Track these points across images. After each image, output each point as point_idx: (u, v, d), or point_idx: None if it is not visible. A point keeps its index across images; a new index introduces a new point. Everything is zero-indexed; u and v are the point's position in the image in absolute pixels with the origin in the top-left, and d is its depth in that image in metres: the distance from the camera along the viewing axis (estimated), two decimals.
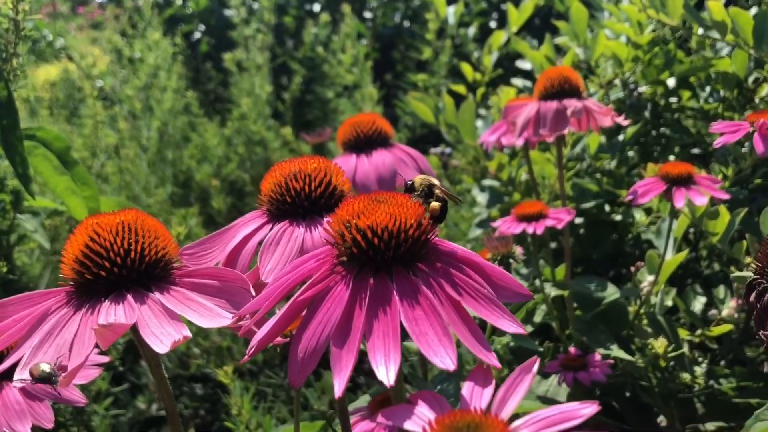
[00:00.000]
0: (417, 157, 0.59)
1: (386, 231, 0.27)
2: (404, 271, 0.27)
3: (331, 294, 0.26)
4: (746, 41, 0.89)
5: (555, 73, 0.76)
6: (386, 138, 0.58)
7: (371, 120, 0.58)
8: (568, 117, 0.73)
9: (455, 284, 0.27)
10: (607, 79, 1.12)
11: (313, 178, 0.35)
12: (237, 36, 1.45)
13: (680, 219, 0.80)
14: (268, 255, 0.34)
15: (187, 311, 0.30)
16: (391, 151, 0.57)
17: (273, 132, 1.41)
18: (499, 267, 0.29)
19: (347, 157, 0.57)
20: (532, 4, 1.28)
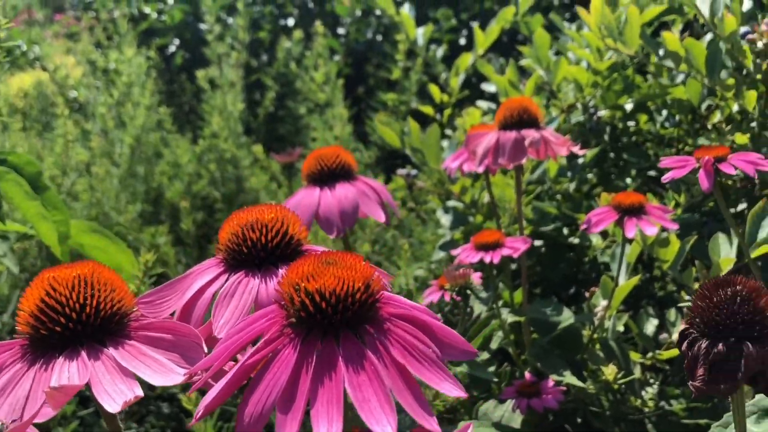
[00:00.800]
0: (379, 189, 0.61)
1: (334, 295, 0.28)
2: (351, 335, 0.28)
3: (279, 357, 0.28)
4: (699, 70, 0.93)
5: (515, 104, 0.79)
6: (349, 171, 0.60)
7: (335, 153, 0.60)
8: (526, 147, 0.76)
9: (402, 347, 0.28)
10: (569, 102, 1.15)
11: (269, 228, 0.37)
12: (210, 54, 1.46)
13: (633, 245, 0.83)
14: (221, 309, 0.36)
15: (141, 367, 0.31)
16: (354, 185, 0.59)
17: (244, 149, 1.42)
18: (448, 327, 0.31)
19: (311, 190, 0.59)
20: (498, 27, 1.31)
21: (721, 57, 0.91)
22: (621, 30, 0.89)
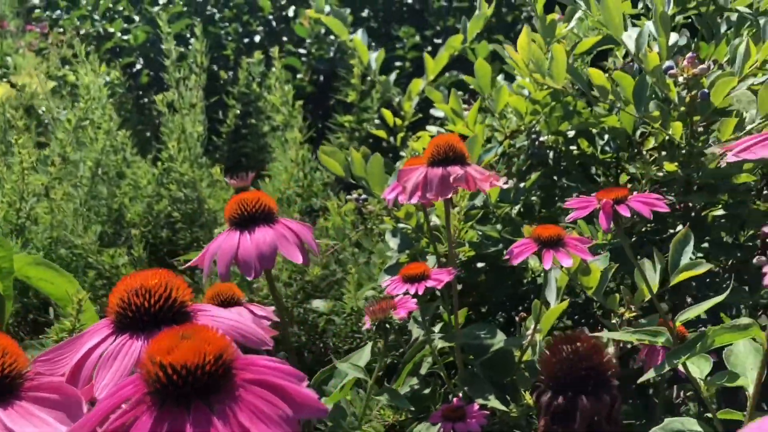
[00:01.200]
0: (299, 231, 0.64)
1: (185, 367, 0.31)
2: (202, 404, 0.31)
3: (137, 424, 0.31)
4: (628, 102, 0.97)
5: (442, 142, 0.82)
6: (270, 215, 0.63)
7: (256, 198, 0.63)
8: (451, 183, 0.79)
9: (251, 411, 0.31)
10: (512, 128, 1.19)
11: (153, 293, 0.40)
12: (168, 78, 1.49)
13: (561, 273, 0.87)
14: (103, 370, 0.38)
15: (27, 426, 0.34)
16: (274, 228, 0.62)
17: (203, 170, 1.45)
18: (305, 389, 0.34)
19: (232, 233, 0.62)
20: (447, 54, 1.35)
21: (647, 89, 0.95)
22: (549, 65, 0.93)
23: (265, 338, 0.42)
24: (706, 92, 0.91)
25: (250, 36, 2.26)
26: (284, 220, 0.65)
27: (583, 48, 1.13)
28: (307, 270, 1.11)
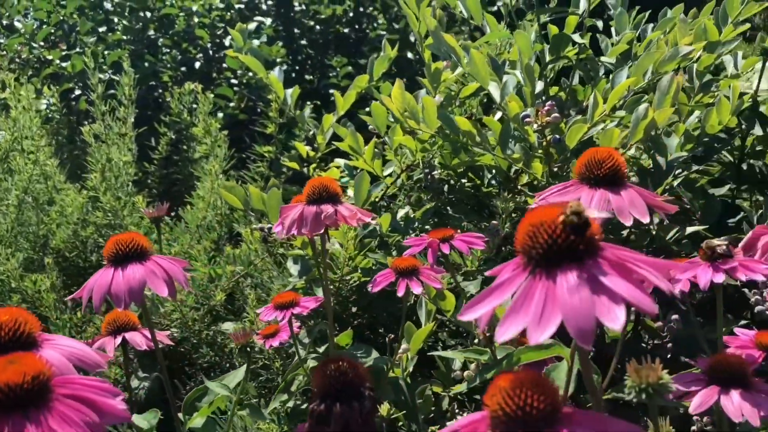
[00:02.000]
0: (168, 268, 0.73)
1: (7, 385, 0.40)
2: (19, 415, 0.41)
3: None
4: (495, 145, 1.09)
5: (317, 183, 0.93)
6: (142, 253, 0.73)
7: (130, 238, 0.73)
8: (323, 220, 0.90)
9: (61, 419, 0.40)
10: (407, 164, 1.30)
11: (2, 326, 0.49)
12: (95, 111, 1.57)
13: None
14: None
15: None
16: (145, 265, 0.72)
17: (126, 199, 1.53)
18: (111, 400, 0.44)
19: (107, 270, 0.71)
20: (354, 93, 1.46)
21: (510, 134, 1.07)
22: (422, 113, 1.04)
23: (100, 362, 0.52)
24: (558, 138, 1.03)
25: (188, 63, 2.35)
26: (157, 258, 0.74)
27: (466, 93, 1.26)
28: (213, 295, 1.20)
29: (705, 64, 1.28)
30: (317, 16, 2.65)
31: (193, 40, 2.54)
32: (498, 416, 0.41)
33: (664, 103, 0.93)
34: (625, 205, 0.69)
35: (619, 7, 1.41)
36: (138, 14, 2.37)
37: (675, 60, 1.03)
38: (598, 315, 0.39)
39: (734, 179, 1.30)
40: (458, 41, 1.14)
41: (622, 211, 0.69)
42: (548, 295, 0.41)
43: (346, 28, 2.77)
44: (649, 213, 0.71)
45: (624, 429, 0.42)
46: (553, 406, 0.40)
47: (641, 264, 0.43)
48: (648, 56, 1.02)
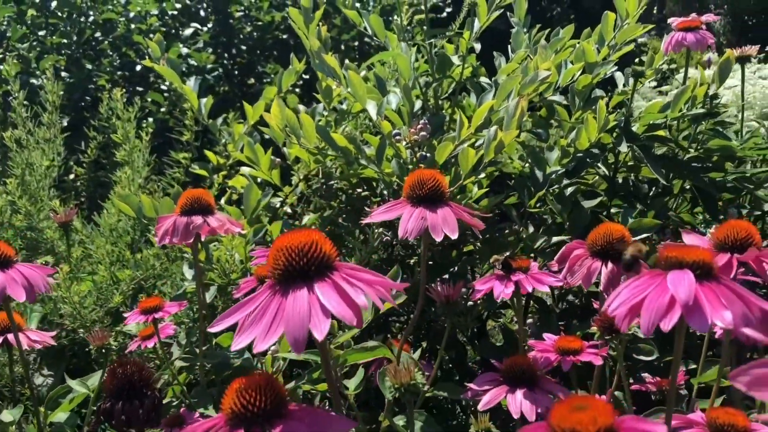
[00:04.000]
0: (29, 275, 0.80)
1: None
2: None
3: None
4: (372, 160, 1.17)
5: (190, 195, 1.00)
6: (5, 261, 0.80)
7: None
8: (191, 230, 0.97)
9: None
10: (303, 173, 1.38)
11: None
12: (15, 117, 1.62)
13: None
14: None
15: None
16: (6, 273, 0.79)
17: (40, 204, 1.58)
18: None
19: None
20: (263, 104, 1.53)
21: (385, 150, 1.15)
22: (302, 129, 1.12)
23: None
24: (425, 155, 1.12)
25: (128, 67, 2.40)
26: (20, 266, 0.81)
27: (356, 109, 1.34)
28: (110, 298, 1.26)
29: (583, 83, 1.37)
30: (256, 23, 2.71)
31: (133, 44, 2.58)
32: (229, 414, 0.48)
33: (510, 126, 1.01)
34: (439, 222, 0.77)
35: (517, 26, 1.49)
36: (75, 19, 2.41)
37: (534, 83, 1.11)
38: (310, 326, 0.47)
39: (609, 191, 1.40)
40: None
41: (435, 227, 0.77)
42: (279, 309, 0.49)
43: (285, 35, 2.83)
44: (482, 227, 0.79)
45: (344, 426, 0.49)
46: (275, 404, 0.48)
47: (365, 283, 0.51)
48: (510, 80, 1.11)
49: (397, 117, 1.21)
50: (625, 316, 0.51)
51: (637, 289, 0.50)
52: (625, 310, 0.51)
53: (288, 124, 1.11)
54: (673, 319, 0.47)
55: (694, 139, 1.41)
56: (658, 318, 0.48)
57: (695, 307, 0.47)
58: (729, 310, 0.46)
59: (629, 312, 0.51)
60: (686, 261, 0.49)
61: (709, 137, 1.40)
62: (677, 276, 0.48)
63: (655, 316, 0.48)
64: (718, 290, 0.48)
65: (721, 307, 0.47)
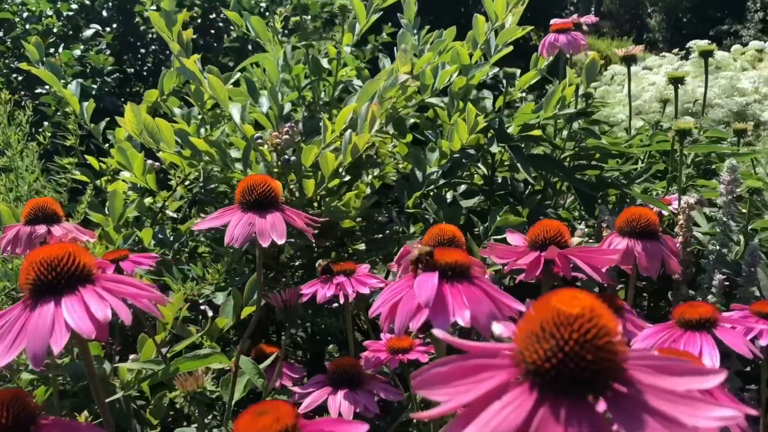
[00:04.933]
0: None
1: None
2: None
3: None
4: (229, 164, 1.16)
5: (34, 204, 0.98)
6: None
7: None
8: (33, 240, 0.95)
9: None
10: (182, 178, 1.36)
11: None
12: None
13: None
14: None
15: None
16: None
17: None
18: None
19: None
20: (145, 107, 1.51)
21: (249, 153, 1.15)
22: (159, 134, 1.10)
23: None
24: (287, 158, 1.12)
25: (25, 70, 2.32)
26: None
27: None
28: None
29: (459, 85, 1.39)
30: None
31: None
32: None
33: (363, 129, 1.02)
34: (267, 227, 0.77)
35: (406, 28, 1.51)
36: None
37: (395, 86, 1.12)
38: (50, 341, 0.47)
39: (488, 190, 1.42)
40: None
41: (263, 233, 0.77)
42: (24, 325, 0.48)
43: (196, 34, 2.79)
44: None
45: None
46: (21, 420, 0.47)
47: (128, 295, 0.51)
48: (371, 83, 1.11)
49: (266, 120, 1.20)
50: (387, 315, 0.52)
51: (396, 290, 0.51)
52: (386, 310, 0.51)
53: (146, 130, 1.10)
54: (421, 319, 0.48)
55: (572, 138, 1.45)
56: (408, 318, 0.49)
57: (439, 307, 0.48)
58: (470, 309, 0.47)
59: (390, 312, 0.51)
60: (440, 264, 0.50)
61: (586, 136, 1.44)
62: (424, 279, 0.49)
63: (406, 317, 0.49)
64: (467, 291, 0.49)
65: (464, 307, 0.48)
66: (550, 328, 0.32)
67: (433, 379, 0.35)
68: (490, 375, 0.34)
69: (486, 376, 0.34)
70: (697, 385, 0.33)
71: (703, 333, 0.55)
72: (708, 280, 1.18)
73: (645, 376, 0.33)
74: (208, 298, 1.18)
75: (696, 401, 0.31)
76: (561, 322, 0.32)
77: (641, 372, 0.33)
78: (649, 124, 1.76)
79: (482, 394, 0.33)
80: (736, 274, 1.17)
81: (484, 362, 0.35)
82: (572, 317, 0.32)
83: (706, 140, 1.60)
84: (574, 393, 0.32)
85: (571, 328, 0.31)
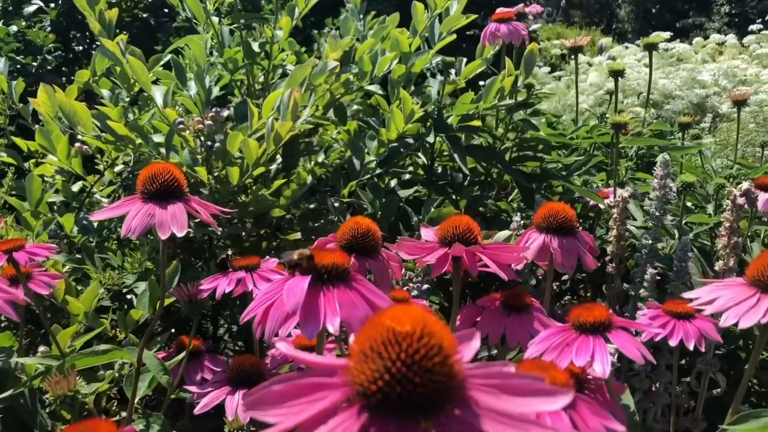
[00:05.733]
0: None
1: None
2: None
3: None
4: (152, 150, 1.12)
5: None
6: None
7: None
8: None
9: None
10: (109, 162, 1.31)
11: None
12: None
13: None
14: None
15: None
16: None
17: None
18: None
19: None
20: (76, 88, 1.45)
21: (172, 139, 1.11)
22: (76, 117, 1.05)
23: None
24: (210, 144, 1.08)
25: None
26: None
27: None
28: None
29: (398, 73, 1.36)
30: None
31: None
32: None
33: (286, 117, 0.99)
34: (167, 219, 0.73)
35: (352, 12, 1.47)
36: None
37: (324, 73, 1.09)
38: None
39: (427, 180, 1.40)
40: None
41: (163, 224, 0.73)
42: None
43: (146, 13, 2.72)
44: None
45: None
46: None
47: None
48: (299, 69, 1.08)
49: (192, 104, 1.16)
50: (260, 320, 0.49)
51: (270, 293, 0.48)
52: (260, 314, 0.49)
53: (62, 112, 1.05)
54: (290, 325, 0.46)
55: (513, 129, 1.43)
56: (278, 325, 0.46)
57: (310, 314, 0.46)
58: (341, 315, 0.45)
59: (263, 316, 0.49)
60: (317, 267, 0.48)
61: (525, 128, 1.42)
62: (294, 284, 0.46)
63: (276, 323, 0.46)
64: (342, 296, 0.47)
65: (335, 314, 0.45)
66: (378, 347, 0.29)
67: (267, 398, 0.32)
68: (324, 395, 0.31)
69: (320, 395, 0.32)
70: (542, 406, 0.31)
71: (597, 337, 0.53)
72: (641, 274, 1.17)
73: (486, 397, 0.30)
74: (131, 287, 1.14)
75: (527, 424, 0.29)
76: (389, 341, 0.29)
77: (483, 392, 0.31)
78: (594, 116, 1.75)
79: (312, 416, 0.31)
80: (669, 268, 1.17)
81: (321, 381, 0.32)
82: (401, 335, 0.29)
83: (649, 133, 1.60)
84: (403, 416, 0.29)
85: (399, 348, 0.29)
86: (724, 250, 1.09)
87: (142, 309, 0.99)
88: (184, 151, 1.12)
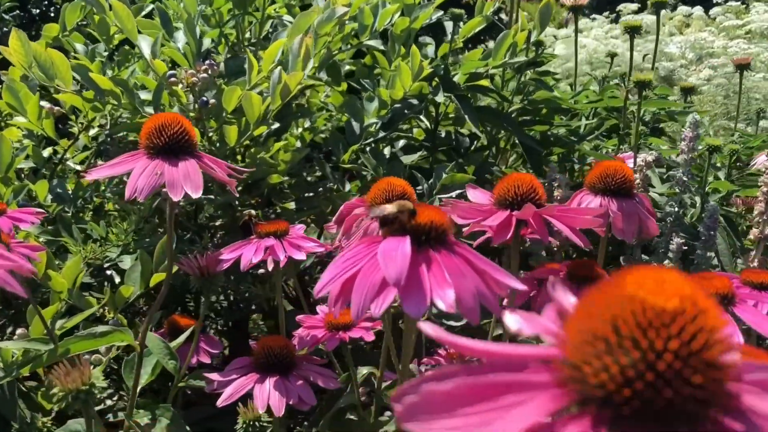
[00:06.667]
0: None
1: None
2: None
3: None
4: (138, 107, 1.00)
5: None
6: None
7: None
8: None
9: None
10: (84, 124, 1.18)
11: None
12: None
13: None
14: None
15: None
16: None
17: None
18: None
19: None
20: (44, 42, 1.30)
21: (161, 94, 0.98)
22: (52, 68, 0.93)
23: None
24: (204, 100, 0.96)
25: None
26: None
27: None
28: None
29: (401, 27, 1.25)
30: None
31: None
32: None
33: (296, 67, 0.88)
34: (179, 178, 0.63)
35: None
36: None
37: (332, 21, 0.98)
38: None
39: (431, 145, 1.30)
40: None
41: (174, 184, 0.62)
42: None
43: None
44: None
45: None
46: None
47: None
48: (304, 16, 0.96)
49: (182, 58, 1.04)
50: (338, 296, 0.39)
51: (350, 261, 0.38)
52: (336, 288, 0.38)
53: (37, 63, 0.92)
54: (386, 300, 0.36)
55: (519, 91, 1.34)
56: (369, 300, 0.36)
57: (413, 285, 0.35)
58: (453, 287, 0.35)
59: (341, 291, 0.38)
60: (413, 225, 0.38)
61: (536, 88, 1.33)
62: (391, 245, 0.36)
63: (366, 298, 0.36)
64: (447, 262, 0.37)
65: (445, 284, 0.35)
66: (631, 332, 0.19)
67: (428, 403, 0.22)
68: (521, 400, 0.22)
69: (513, 400, 0.22)
70: None
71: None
72: (664, 244, 1.09)
73: (759, 402, 0.21)
74: (114, 262, 1.02)
75: None
76: (649, 322, 0.19)
77: (754, 396, 0.21)
78: (595, 79, 1.67)
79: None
80: (693, 237, 1.10)
81: (509, 378, 0.22)
82: (668, 314, 0.19)
83: (655, 97, 1.53)
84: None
85: (668, 333, 0.19)
86: (760, 216, 1.02)
87: (132, 285, 0.88)
88: (173, 109, 1.00)
